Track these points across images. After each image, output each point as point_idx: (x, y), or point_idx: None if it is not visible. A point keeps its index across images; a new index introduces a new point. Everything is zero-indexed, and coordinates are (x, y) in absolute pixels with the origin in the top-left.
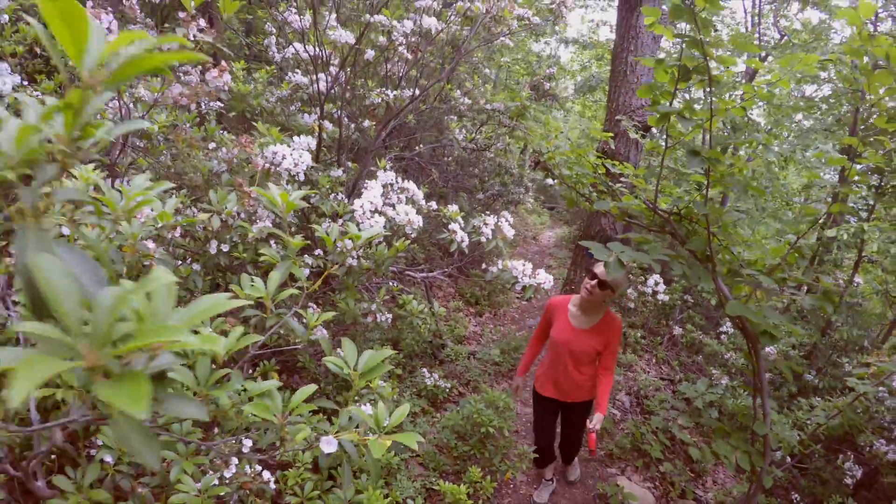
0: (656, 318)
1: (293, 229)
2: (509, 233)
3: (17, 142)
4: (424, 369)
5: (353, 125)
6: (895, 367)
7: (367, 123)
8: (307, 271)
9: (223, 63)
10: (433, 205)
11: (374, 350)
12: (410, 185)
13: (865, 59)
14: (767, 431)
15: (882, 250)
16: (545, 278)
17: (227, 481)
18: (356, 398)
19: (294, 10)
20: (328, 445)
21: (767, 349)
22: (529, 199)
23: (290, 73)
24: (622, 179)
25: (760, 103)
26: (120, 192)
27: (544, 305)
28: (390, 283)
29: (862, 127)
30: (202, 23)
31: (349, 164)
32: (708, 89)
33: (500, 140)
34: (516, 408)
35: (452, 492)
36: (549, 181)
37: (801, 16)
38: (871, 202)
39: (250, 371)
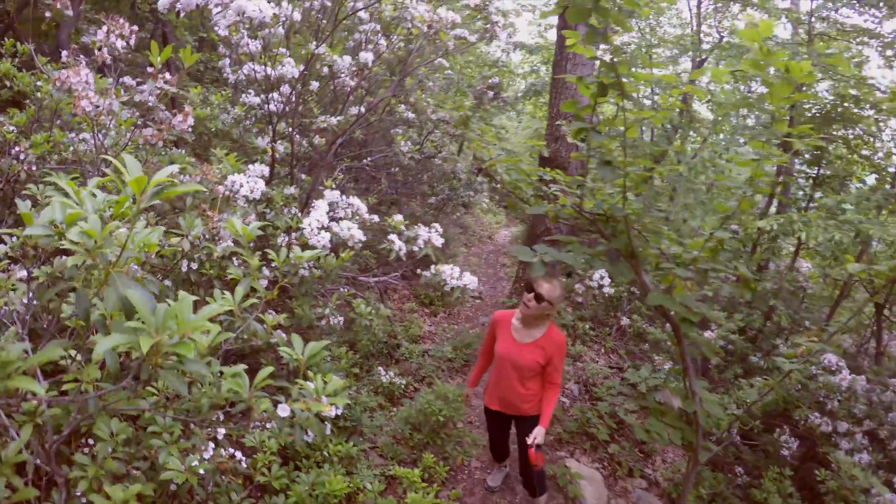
0: (605, 311)
1: (252, 244)
2: (438, 242)
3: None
4: (381, 368)
5: (304, 140)
6: (821, 346)
7: (317, 139)
8: (265, 282)
9: (187, 108)
10: (375, 217)
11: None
12: (355, 200)
13: (771, 70)
14: (697, 409)
15: (816, 237)
16: (470, 280)
17: (206, 461)
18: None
19: (245, 35)
20: (283, 411)
21: (706, 333)
22: (484, 200)
23: (243, 95)
24: (552, 185)
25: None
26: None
27: (489, 320)
28: (342, 289)
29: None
30: (167, 76)
31: (303, 176)
32: (623, 103)
33: (444, 149)
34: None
35: (408, 476)
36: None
37: (741, 16)
38: (810, 192)
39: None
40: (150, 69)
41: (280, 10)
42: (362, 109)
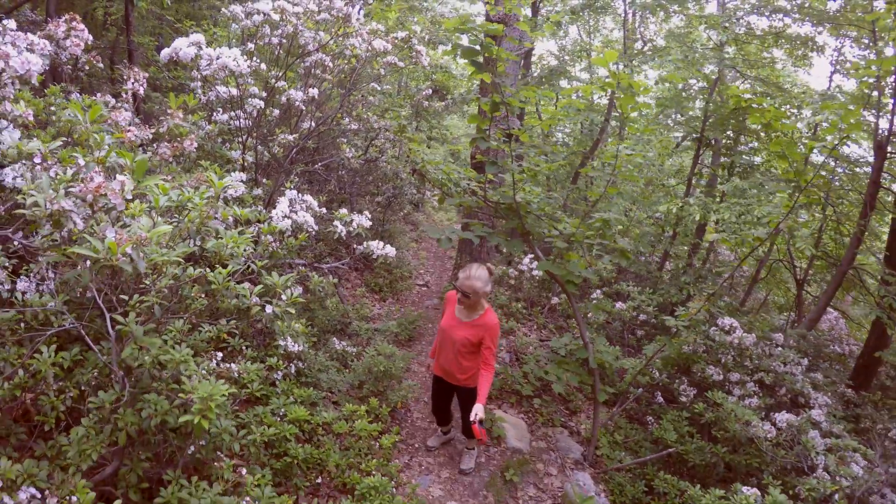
0: (537, 291)
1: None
2: (366, 223)
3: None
4: (335, 339)
5: (265, 151)
6: (700, 309)
7: (276, 149)
8: (244, 259)
9: (191, 136)
10: (324, 210)
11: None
12: (308, 198)
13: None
14: (589, 354)
15: (707, 217)
16: (390, 250)
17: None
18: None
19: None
20: (268, 309)
21: (618, 304)
22: (434, 199)
23: (215, 113)
24: (468, 183)
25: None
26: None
27: (445, 298)
28: (300, 268)
29: (710, 121)
30: (180, 114)
31: (265, 181)
32: (511, 115)
33: (386, 153)
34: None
35: (357, 410)
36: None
37: (664, 25)
38: (723, 180)
39: None
40: (169, 111)
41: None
42: (313, 124)
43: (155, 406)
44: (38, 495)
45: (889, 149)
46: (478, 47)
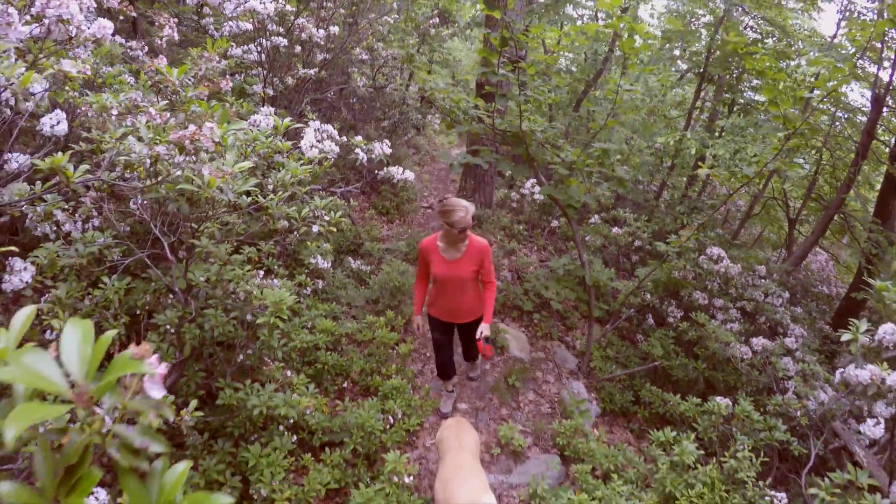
0: (538, 215)
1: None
2: (387, 150)
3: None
4: (350, 258)
5: (280, 84)
6: (689, 237)
7: (290, 81)
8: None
9: (227, 77)
10: (344, 138)
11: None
12: (329, 127)
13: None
14: (586, 273)
15: (717, 155)
16: (409, 174)
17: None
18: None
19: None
20: (315, 229)
21: (615, 229)
22: (436, 122)
23: (230, 48)
24: (474, 110)
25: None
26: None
27: (418, 249)
28: (321, 193)
29: (713, 57)
30: (216, 57)
31: (279, 111)
32: (520, 50)
33: (392, 80)
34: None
35: (375, 321)
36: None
37: None
38: (724, 116)
39: None
40: (206, 54)
41: None
42: (328, 56)
43: (214, 319)
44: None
45: (889, 101)
46: None
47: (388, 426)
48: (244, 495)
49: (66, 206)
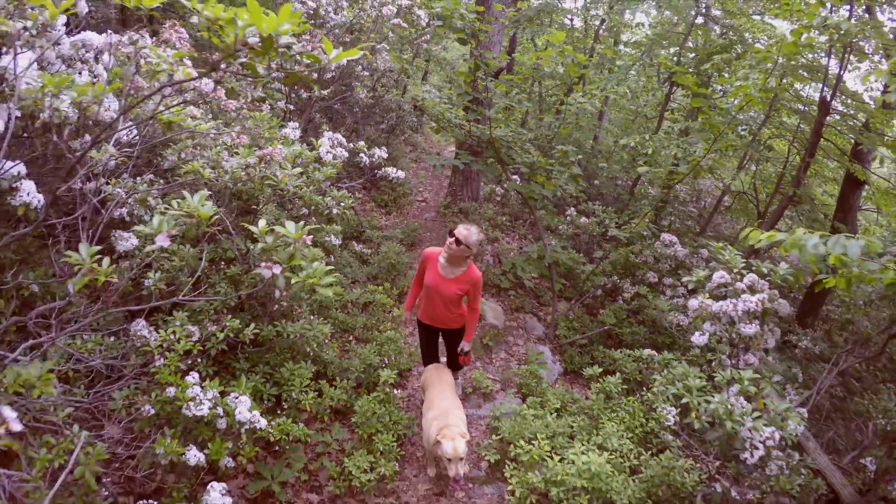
0: (520, 208)
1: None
2: (384, 155)
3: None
4: (354, 242)
5: (296, 97)
6: (647, 224)
7: (304, 94)
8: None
9: (266, 103)
10: (351, 144)
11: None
12: (339, 136)
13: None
14: (546, 252)
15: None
16: (401, 174)
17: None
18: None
19: None
20: (335, 210)
21: (583, 219)
22: (432, 123)
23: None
24: (455, 119)
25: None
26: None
27: (421, 256)
28: (333, 187)
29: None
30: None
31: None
32: (488, 77)
33: (389, 91)
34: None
35: (375, 289)
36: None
37: None
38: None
39: None
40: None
41: None
42: (334, 75)
43: (260, 277)
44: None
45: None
46: (463, 25)
47: (383, 365)
48: (277, 402)
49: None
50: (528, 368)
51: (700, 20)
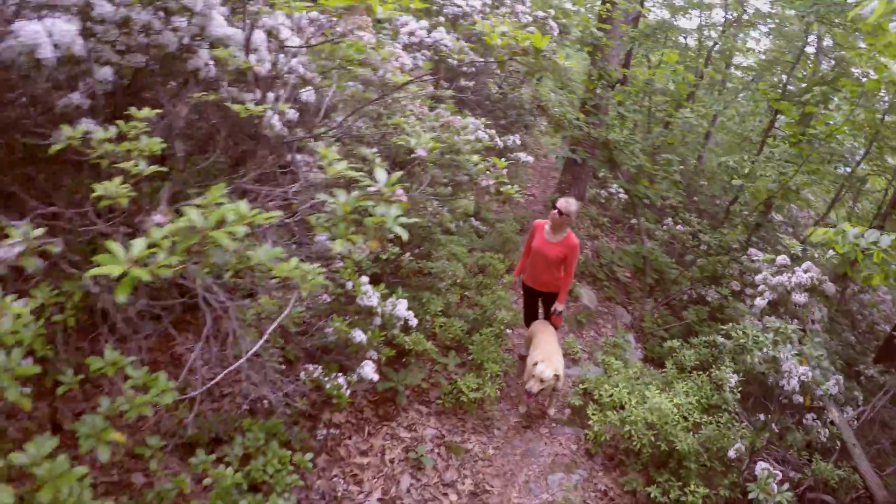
0: (621, 212)
1: None
2: (519, 141)
3: None
4: (472, 219)
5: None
6: (737, 236)
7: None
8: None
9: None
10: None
11: None
12: (478, 121)
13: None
14: (643, 244)
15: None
16: (531, 158)
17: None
18: None
19: None
20: (483, 183)
21: (678, 226)
22: (542, 124)
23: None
24: (576, 121)
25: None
26: None
27: (531, 227)
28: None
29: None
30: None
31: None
32: (609, 85)
33: (516, 88)
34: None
35: (492, 256)
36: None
37: None
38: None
39: None
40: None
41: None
42: (474, 69)
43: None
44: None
45: None
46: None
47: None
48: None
49: None
50: (614, 340)
51: (811, 49)
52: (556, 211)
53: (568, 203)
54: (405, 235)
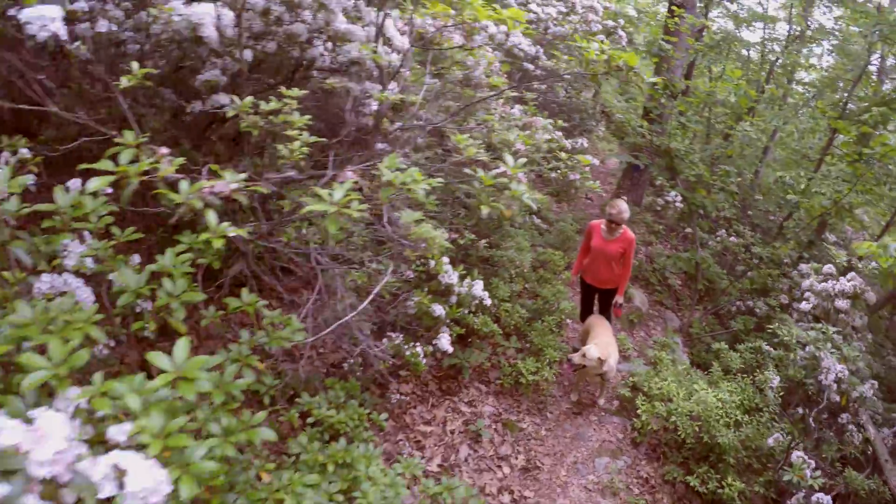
0: (676, 221)
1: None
2: (585, 144)
3: None
4: (534, 217)
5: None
6: (789, 250)
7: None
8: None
9: None
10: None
11: None
12: (546, 121)
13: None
14: (696, 256)
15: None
16: (596, 161)
17: None
18: None
19: None
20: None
21: (732, 238)
22: (601, 129)
23: None
24: (639, 128)
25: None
26: None
27: (587, 227)
28: None
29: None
30: None
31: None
32: (672, 97)
33: (581, 93)
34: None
35: (553, 253)
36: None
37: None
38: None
39: None
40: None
41: None
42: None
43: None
44: None
45: None
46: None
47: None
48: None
49: None
50: (663, 340)
51: (873, 68)
52: (607, 222)
53: (621, 212)
54: (535, 206)
